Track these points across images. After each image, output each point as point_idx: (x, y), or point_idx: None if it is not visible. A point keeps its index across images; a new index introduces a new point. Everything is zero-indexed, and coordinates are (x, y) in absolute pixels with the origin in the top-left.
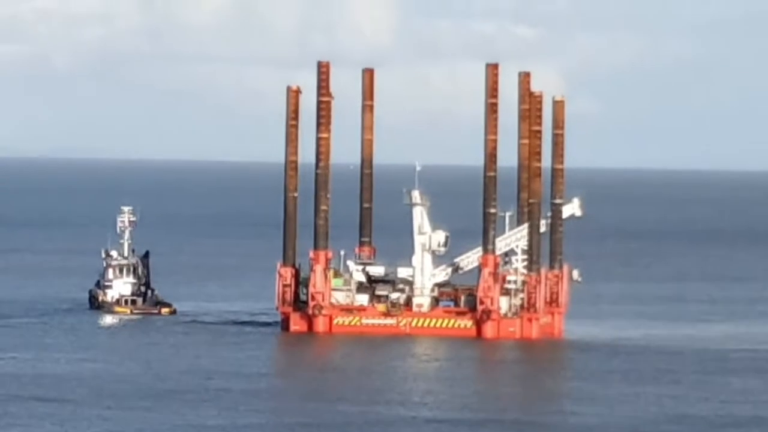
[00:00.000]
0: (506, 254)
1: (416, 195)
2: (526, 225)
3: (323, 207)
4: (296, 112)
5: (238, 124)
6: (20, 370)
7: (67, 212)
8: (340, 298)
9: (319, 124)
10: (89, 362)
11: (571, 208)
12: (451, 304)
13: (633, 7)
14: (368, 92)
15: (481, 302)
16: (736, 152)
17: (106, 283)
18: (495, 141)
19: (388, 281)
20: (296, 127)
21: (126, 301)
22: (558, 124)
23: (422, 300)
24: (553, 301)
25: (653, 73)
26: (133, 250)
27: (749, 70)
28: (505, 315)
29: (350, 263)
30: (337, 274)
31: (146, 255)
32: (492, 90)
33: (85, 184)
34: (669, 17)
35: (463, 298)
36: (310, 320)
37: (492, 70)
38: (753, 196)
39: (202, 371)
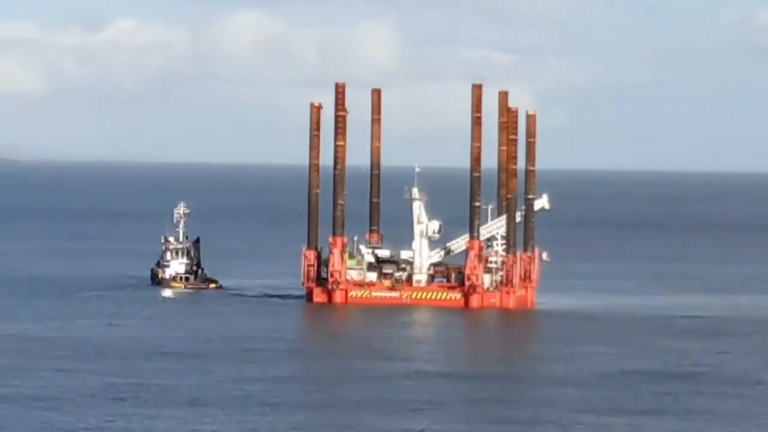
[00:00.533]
0: (488, 240)
1: (415, 191)
2: (504, 216)
3: (340, 201)
4: (318, 123)
5: (268, 134)
6: (94, 333)
7: (130, 206)
8: (353, 275)
9: (336, 134)
10: (150, 327)
11: (542, 202)
12: (444, 280)
13: (593, 39)
14: (376, 108)
15: (468, 279)
16: (679, 156)
17: (165, 264)
18: (479, 147)
19: (393, 262)
20: (318, 136)
21: (180, 278)
22: (530, 133)
23: (420, 277)
24: (526, 278)
25: (610, 92)
26: (187, 237)
27: (687, 90)
28: (488, 289)
29: (362, 247)
30: (351, 256)
31: (197, 241)
32: (477, 106)
33: (144, 183)
34: (623, 47)
35: (453, 275)
36: (329, 294)
37: (477, 89)
38: (690, 194)
39: (241, 335)
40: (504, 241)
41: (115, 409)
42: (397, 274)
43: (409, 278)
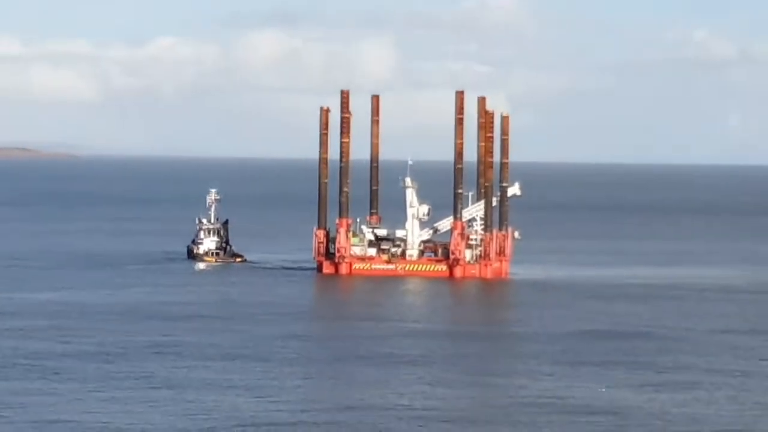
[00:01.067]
0: (469, 221)
1: (408, 181)
2: (482, 201)
3: (345, 189)
4: (326, 124)
5: (284, 133)
6: (140, 299)
7: (169, 193)
8: (356, 251)
9: (341, 133)
10: (187, 294)
11: (514, 190)
12: (432, 254)
13: (557, 53)
14: (375, 111)
15: (452, 253)
16: (630, 150)
17: (199, 241)
18: (461, 144)
19: (390, 239)
20: (326, 134)
21: (212, 253)
22: (504, 132)
23: (413, 252)
24: (501, 253)
25: (571, 97)
26: (217, 219)
27: (636, 95)
28: (469, 262)
29: (363, 227)
30: (354, 235)
31: (226, 222)
32: (459, 109)
33: (181, 174)
34: (582, 60)
35: (440, 250)
36: (336, 266)
37: (459, 95)
38: (640, 182)
39: (263, 300)
40: (482, 222)
41: (159, 362)
42: (393, 250)
43: (403, 253)
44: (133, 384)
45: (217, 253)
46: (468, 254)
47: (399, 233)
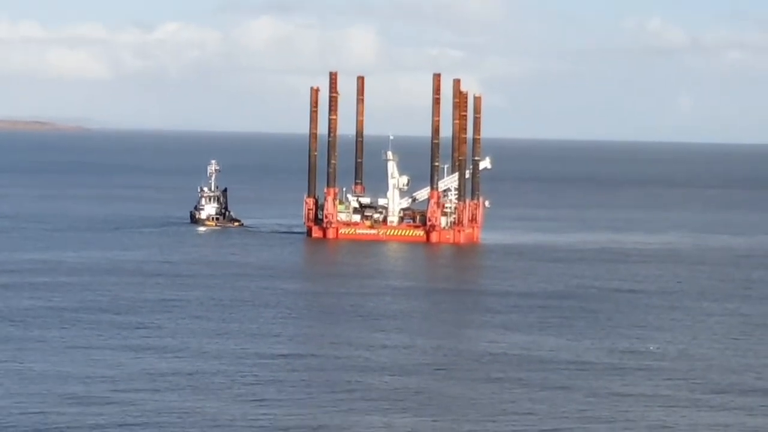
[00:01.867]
0: (445, 191)
1: (390, 154)
2: (456, 173)
3: (333, 161)
4: (316, 102)
5: (278, 110)
6: (148, 258)
7: (174, 163)
8: (342, 217)
9: (330, 110)
10: (191, 254)
11: (485, 163)
12: (411, 221)
13: (525, 39)
14: (360, 91)
15: (429, 220)
16: (592, 128)
17: (200, 207)
18: (438, 121)
19: (373, 207)
20: (316, 112)
21: (212, 218)
22: (477, 110)
23: (393, 219)
24: (473, 220)
25: (538, 80)
26: (217, 187)
27: (598, 79)
28: (444, 228)
29: (349, 196)
30: (341, 203)
31: (225, 190)
32: (436, 90)
33: (185, 146)
34: (548, 46)
35: (418, 217)
36: (324, 231)
37: (436, 78)
38: (602, 156)
39: (258, 260)
40: (456, 192)
41: (166, 313)
42: (375, 216)
43: (385, 219)
44: (143, 333)
45: (217, 218)
46: (443, 221)
47: (381, 201)
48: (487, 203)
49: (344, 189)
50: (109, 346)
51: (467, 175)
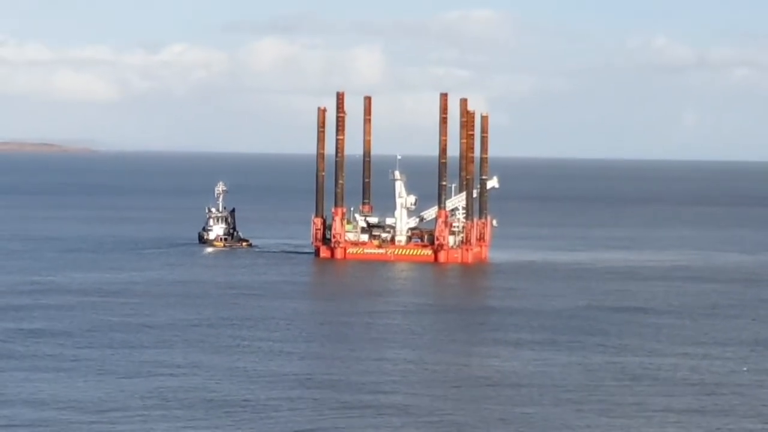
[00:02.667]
0: (452, 210)
1: (397, 174)
2: (464, 192)
3: (340, 181)
4: (323, 122)
5: (285, 131)
6: (157, 278)
7: (181, 184)
8: (350, 237)
9: (337, 130)
10: (199, 275)
11: (492, 182)
12: (419, 240)
13: (530, 59)
14: (368, 111)
15: (437, 239)
16: (596, 147)
17: (208, 228)
18: (445, 140)
19: (380, 226)
20: (323, 132)
21: (221, 239)
22: (484, 130)
23: (401, 238)
24: (481, 239)
25: (543, 99)
26: (225, 207)
27: (602, 97)
28: (452, 247)
29: (357, 215)
30: (348, 222)
31: (233, 210)
32: (443, 109)
33: (192, 167)
34: (557, 64)
35: (426, 236)
36: (332, 251)
37: (443, 97)
38: (607, 175)
39: (266, 280)
40: (464, 211)
41: (177, 334)
42: (383, 236)
43: (393, 239)
44: (154, 354)
45: (225, 239)
46: (451, 240)
47: (389, 221)
48: (494, 222)
49: (352, 209)
50: (121, 366)
51: (475, 195)
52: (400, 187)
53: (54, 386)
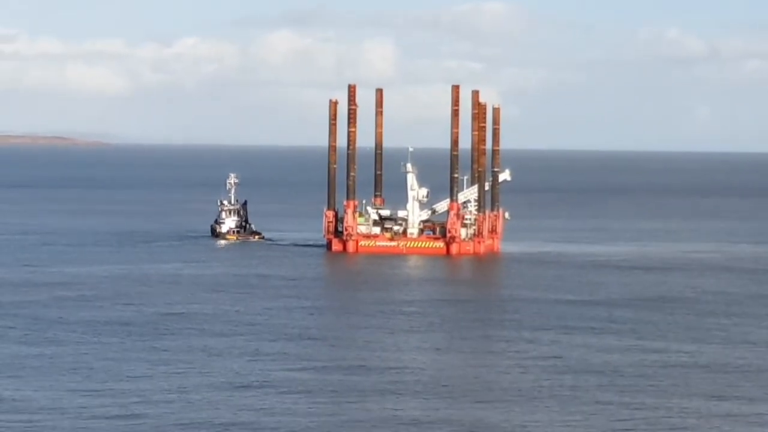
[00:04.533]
0: (464, 202)
1: (409, 166)
2: (476, 185)
3: (352, 173)
4: (335, 115)
5: (297, 123)
6: (171, 272)
7: (193, 177)
8: (362, 229)
9: (349, 123)
10: (212, 268)
11: (504, 175)
12: (431, 233)
13: (541, 51)
14: (379, 103)
15: (449, 232)
16: (607, 139)
17: (221, 221)
18: (457, 133)
19: (392, 219)
20: (335, 124)
21: (233, 232)
22: (496, 122)
23: (413, 231)
24: (493, 231)
25: (554, 91)
26: (237, 200)
27: (613, 90)
28: (464, 239)
29: (369, 208)
30: (360, 215)
31: (245, 203)
32: (455, 101)
33: (204, 160)
34: (563, 57)
35: (438, 229)
36: (344, 244)
37: (455, 89)
38: (617, 166)
39: (279, 272)
40: (476, 204)
41: (192, 327)
42: (395, 229)
43: (405, 232)
44: (170, 346)
45: (238, 232)
46: (463, 232)
47: (401, 214)
48: (506, 215)
49: (364, 201)
50: (138, 360)
51: (487, 187)
52: (412, 179)
53: (72, 378)
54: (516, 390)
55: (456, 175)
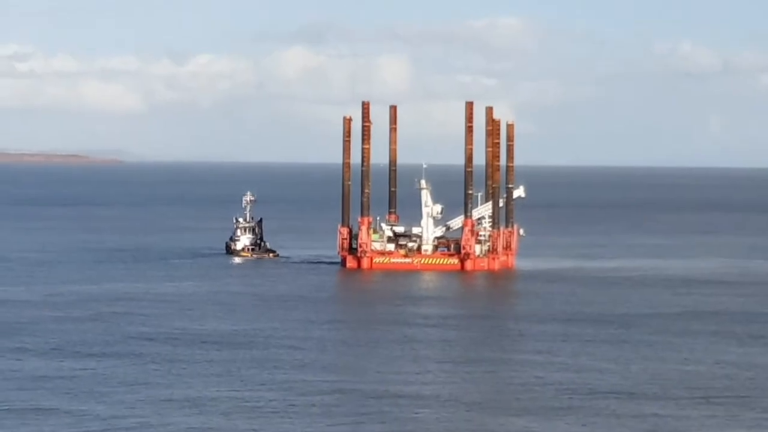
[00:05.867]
0: (479, 219)
1: (423, 183)
2: (490, 201)
3: (366, 190)
4: (349, 132)
5: (311, 140)
6: (186, 289)
7: (208, 195)
8: (377, 246)
9: (363, 140)
10: (228, 285)
11: (519, 192)
12: (446, 249)
13: (555, 66)
14: (393, 120)
15: (464, 248)
16: (622, 154)
17: (236, 238)
18: (471, 149)
19: (407, 235)
20: (349, 141)
21: (248, 249)
22: (510, 138)
23: (427, 247)
24: (508, 247)
25: (568, 107)
26: (252, 218)
27: (627, 104)
28: (479, 256)
29: (383, 225)
30: (375, 232)
31: (260, 220)
32: (469, 117)
33: (219, 178)
34: (578, 72)
35: (452, 245)
36: (358, 260)
37: (469, 105)
38: (632, 182)
39: (294, 290)
40: (490, 220)
41: (208, 343)
42: (409, 245)
43: (419, 248)
44: (185, 364)
45: (253, 249)
46: (478, 249)
47: (415, 230)
48: (521, 231)
49: (378, 218)
50: (155, 376)
51: (501, 203)
52: (426, 196)
53: (90, 398)
54: (535, 404)
55: (470, 192)
